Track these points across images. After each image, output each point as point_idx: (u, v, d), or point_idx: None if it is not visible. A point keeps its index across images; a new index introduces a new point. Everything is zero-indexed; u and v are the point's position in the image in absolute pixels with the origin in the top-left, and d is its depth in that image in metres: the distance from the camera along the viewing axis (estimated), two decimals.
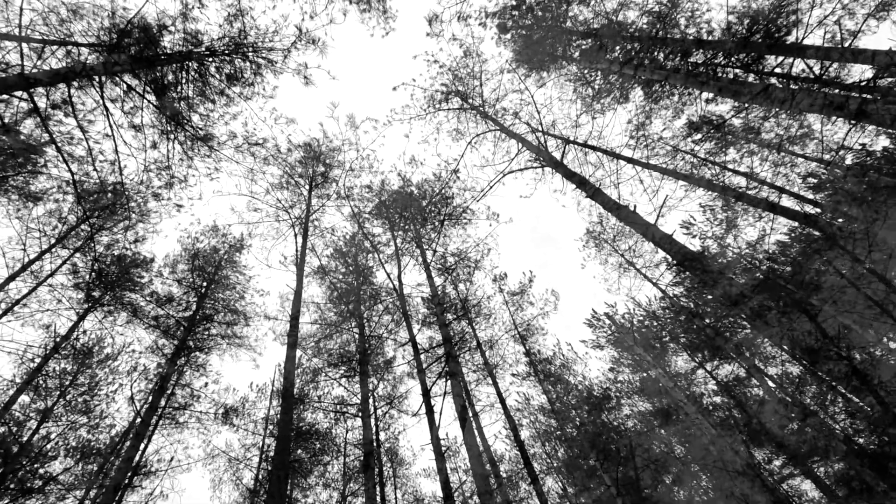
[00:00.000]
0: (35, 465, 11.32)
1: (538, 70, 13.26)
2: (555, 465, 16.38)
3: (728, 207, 14.27)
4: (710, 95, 12.25)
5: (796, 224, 14.09)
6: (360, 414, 13.55)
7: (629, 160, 11.30)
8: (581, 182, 9.58)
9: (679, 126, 12.89)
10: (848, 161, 11.52)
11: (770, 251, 12.23)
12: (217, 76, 10.79)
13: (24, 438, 11.32)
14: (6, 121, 9.49)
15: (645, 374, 16.45)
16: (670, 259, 15.78)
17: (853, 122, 9.07)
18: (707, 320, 13.69)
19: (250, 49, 10.65)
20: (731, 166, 13.87)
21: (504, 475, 16.81)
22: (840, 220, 9.58)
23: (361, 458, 14.53)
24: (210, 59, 10.22)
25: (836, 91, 8.92)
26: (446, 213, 14.46)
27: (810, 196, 13.93)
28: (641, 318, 16.20)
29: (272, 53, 10.38)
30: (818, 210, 12.22)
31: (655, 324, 16.22)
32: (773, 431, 10.58)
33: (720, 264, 11.51)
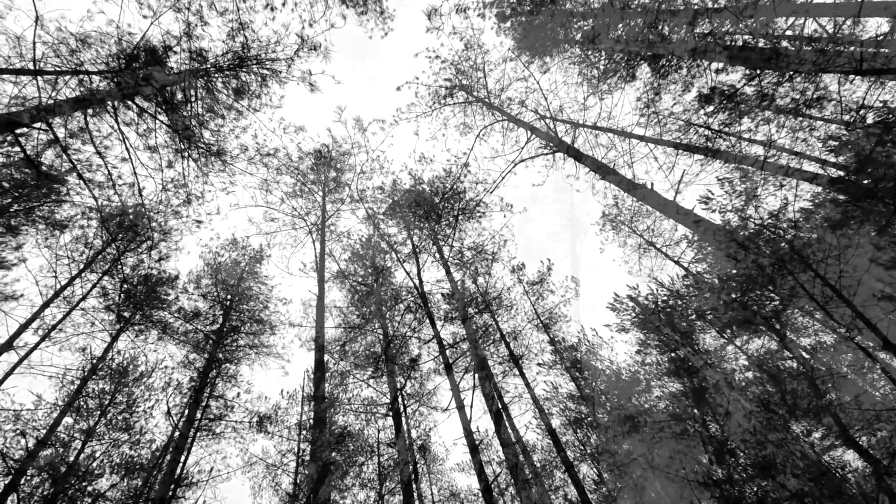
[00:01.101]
0: (83, 484, 11.71)
1: (541, 56, 13.12)
2: (588, 451, 16.29)
3: (746, 178, 13.96)
4: (720, 65, 11.99)
5: (819, 190, 13.71)
6: (390, 413, 13.68)
7: (641, 138, 11.13)
8: (594, 164, 9.48)
9: (690, 99, 12.64)
10: (869, 120, 11.17)
11: (795, 220, 11.93)
12: (224, 91, 10.97)
13: (71, 459, 11.72)
14: (28, 152, 9.77)
15: (673, 355, 16.22)
16: (690, 235, 15.51)
17: (872, 78, 8.78)
18: (733, 295, 13.44)
19: (254, 62, 10.78)
20: (746, 136, 13.56)
21: (538, 464, 16.79)
22: (865, 181, 9.43)
23: (395, 456, 14.67)
24: (216, 75, 10.39)
25: (852, 49, 8.65)
26: (460, 208, 14.46)
27: (832, 159, 13.54)
28: (665, 297, 15.96)
29: (276, 64, 10.50)
30: (841, 173, 11.89)
31: (680, 302, 15.97)
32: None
33: (743, 237, 11.32)
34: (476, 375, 12.38)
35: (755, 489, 8.65)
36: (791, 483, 8.24)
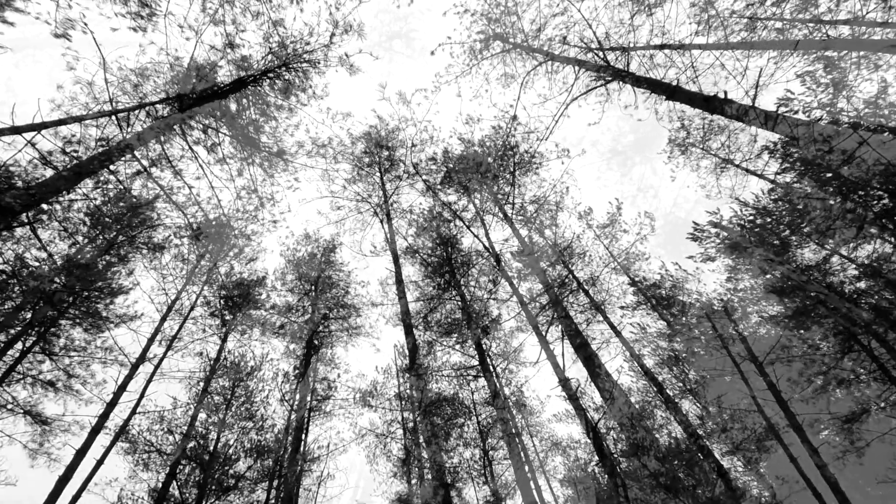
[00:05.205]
0: (226, 468, 13.29)
1: None
2: (687, 387, 15.85)
3: (832, 67, 12.36)
4: None
5: None
6: (481, 375, 14.08)
7: (703, 47, 10.15)
8: (655, 85, 8.81)
9: None
10: None
11: None
12: (272, 93, 11.37)
13: (211, 448, 13.30)
14: (123, 184, 10.80)
15: (769, 276, 15.12)
16: (772, 143, 14.11)
17: None
18: (831, 201, 12.20)
19: (293, 57, 11.03)
20: (826, 18, 11.96)
21: (637, 406, 16.63)
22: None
23: (493, 413, 15.17)
24: (262, 78, 10.77)
25: None
26: (515, 163, 14.14)
27: None
28: (752, 216, 14.80)
29: (314, 54, 10.67)
30: None
31: (769, 219, 14.76)
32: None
33: (836, 131, 10.14)
34: (561, 327, 12.35)
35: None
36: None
